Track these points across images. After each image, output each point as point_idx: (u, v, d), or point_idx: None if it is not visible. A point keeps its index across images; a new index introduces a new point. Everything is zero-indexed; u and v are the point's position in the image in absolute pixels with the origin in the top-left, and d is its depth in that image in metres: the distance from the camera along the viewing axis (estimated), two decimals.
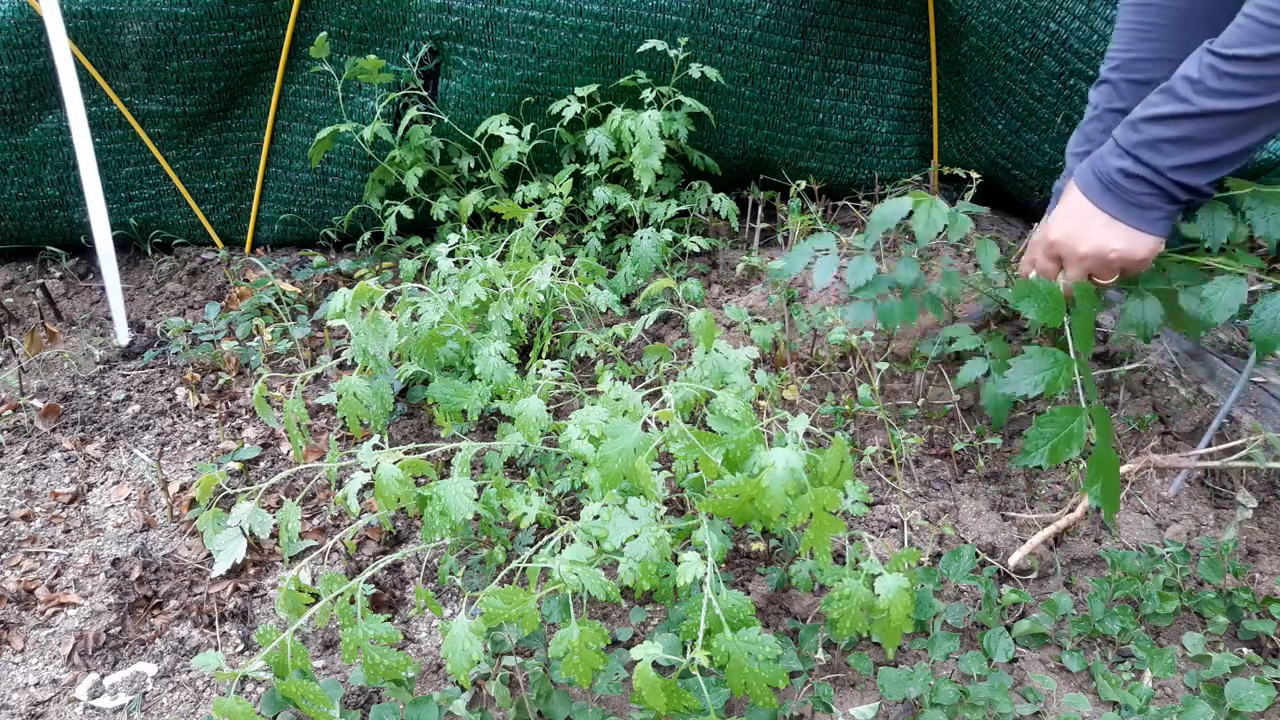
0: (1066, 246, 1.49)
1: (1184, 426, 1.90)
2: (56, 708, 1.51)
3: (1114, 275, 1.50)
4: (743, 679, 1.17)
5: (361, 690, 1.50)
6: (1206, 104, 1.33)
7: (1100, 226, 1.45)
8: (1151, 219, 1.42)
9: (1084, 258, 1.48)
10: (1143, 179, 1.40)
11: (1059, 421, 1.37)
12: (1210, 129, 1.35)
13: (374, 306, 1.85)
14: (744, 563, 1.69)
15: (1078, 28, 2.17)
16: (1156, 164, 1.38)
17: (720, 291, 2.45)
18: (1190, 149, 1.37)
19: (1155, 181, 1.39)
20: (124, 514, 1.92)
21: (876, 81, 2.60)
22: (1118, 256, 1.45)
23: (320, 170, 2.75)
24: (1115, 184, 1.42)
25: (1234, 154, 1.37)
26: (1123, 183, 1.41)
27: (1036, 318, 1.44)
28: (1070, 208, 1.49)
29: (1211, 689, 1.39)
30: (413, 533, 1.84)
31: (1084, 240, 1.46)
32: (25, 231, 2.79)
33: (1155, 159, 1.38)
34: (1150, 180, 1.39)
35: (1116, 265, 1.47)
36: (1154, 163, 1.38)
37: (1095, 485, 1.37)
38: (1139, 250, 1.44)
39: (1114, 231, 1.44)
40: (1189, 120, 1.35)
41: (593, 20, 2.44)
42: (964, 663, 1.44)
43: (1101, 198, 1.44)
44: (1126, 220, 1.43)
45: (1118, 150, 1.42)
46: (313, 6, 2.51)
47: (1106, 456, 1.37)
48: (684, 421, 1.33)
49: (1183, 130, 1.36)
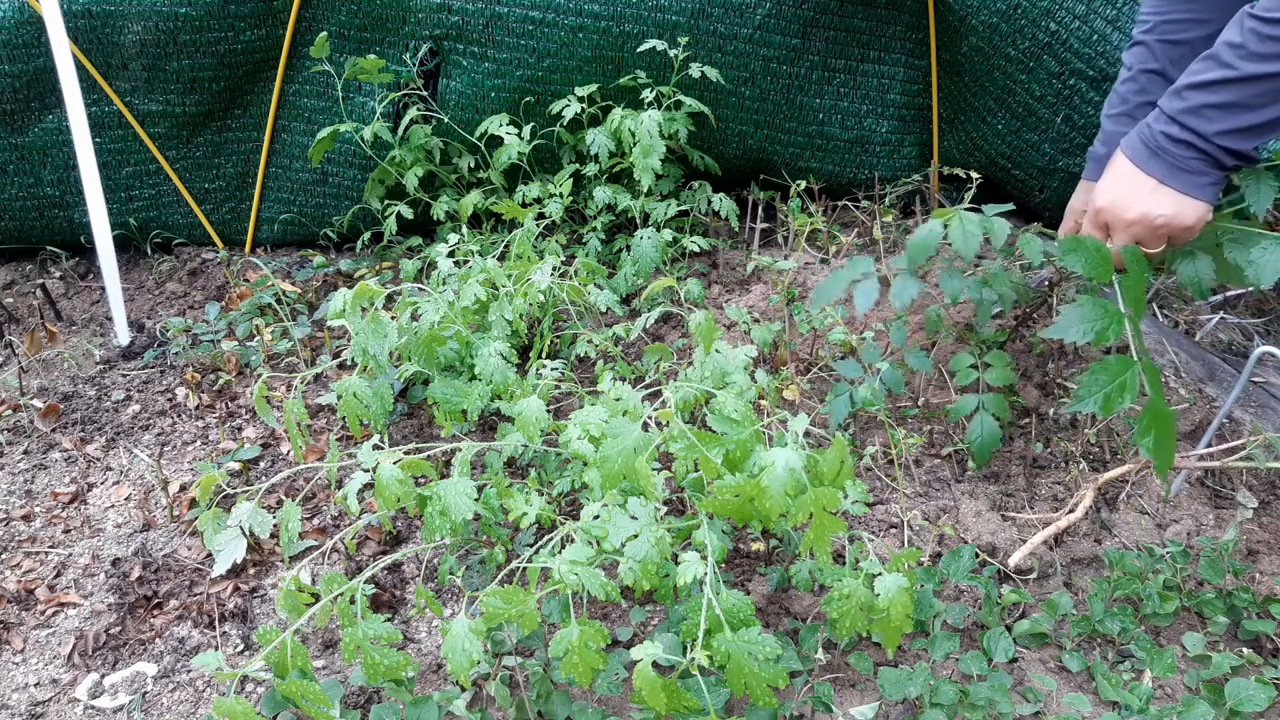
0: (1113, 213, 1.49)
1: (1184, 426, 1.90)
2: (56, 708, 1.51)
3: (1161, 243, 1.50)
4: (743, 679, 1.17)
5: (361, 690, 1.50)
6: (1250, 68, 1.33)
7: (1148, 192, 1.45)
8: (1199, 184, 1.43)
9: (1131, 223, 1.47)
10: (1189, 144, 1.40)
11: (1112, 370, 1.37)
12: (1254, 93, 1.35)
13: (374, 306, 1.85)
14: (744, 563, 1.69)
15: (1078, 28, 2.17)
16: (1202, 130, 1.39)
17: (720, 291, 2.45)
18: (1235, 114, 1.37)
19: (1202, 147, 1.40)
20: (124, 514, 1.92)
21: (876, 81, 2.60)
22: (1164, 222, 1.45)
23: (320, 170, 2.75)
24: (1162, 149, 1.43)
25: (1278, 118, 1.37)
26: (1170, 148, 1.42)
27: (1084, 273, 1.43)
28: (1117, 174, 1.49)
29: (1211, 689, 1.39)
30: (413, 533, 1.84)
31: (1131, 206, 1.46)
32: (25, 231, 2.79)
33: (1201, 125, 1.39)
34: (1197, 146, 1.40)
35: (1163, 231, 1.47)
36: (1200, 128, 1.39)
37: (1148, 438, 1.36)
38: (1186, 216, 1.44)
39: (1161, 197, 1.44)
40: (1233, 85, 1.36)
41: (593, 20, 2.44)
42: (964, 663, 1.44)
43: (1149, 163, 1.44)
44: (1174, 185, 1.43)
45: (1164, 118, 1.43)
46: (313, 6, 2.51)
47: (1159, 409, 1.36)
48: (684, 421, 1.33)
49: (1227, 96, 1.37)
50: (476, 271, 2.01)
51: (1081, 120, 2.26)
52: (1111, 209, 1.49)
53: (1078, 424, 1.92)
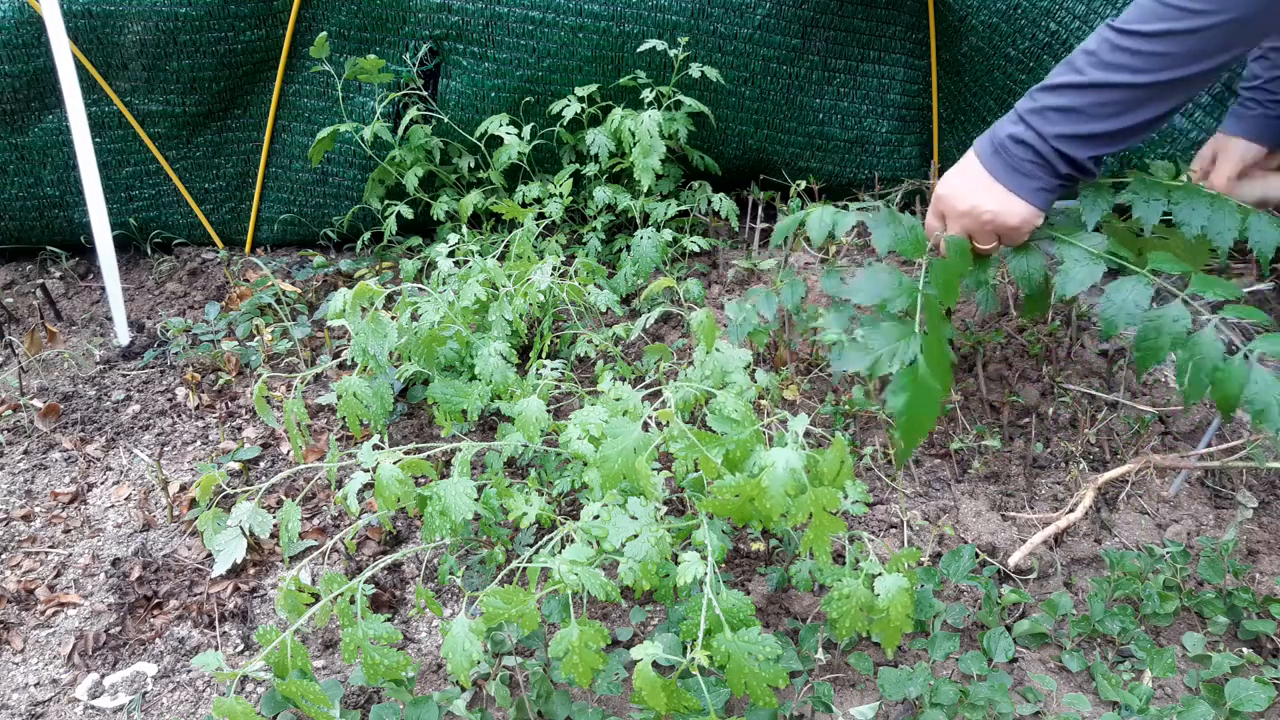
0: (948, 202, 1.52)
1: (1184, 426, 1.90)
2: (56, 708, 1.51)
3: (991, 240, 1.52)
4: (743, 679, 1.17)
5: (361, 690, 1.50)
6: (1097, 76, 1.35)
7: (981, 188, 1.48)
8: (1030, 188, 1.44)
9: (962, 215, 1.50)
10: (1028, 145, 1.42)
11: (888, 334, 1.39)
12: (1096, 101, 1.37)
13: (374, 306, 1.85)
14: (744, 563, 1.69)
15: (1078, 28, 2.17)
16: (1041, 130, 1.40)
17: (720, 291, 2.45)
18: (1074, 119, 1.39)
19: (1039, 149, 1.41)
20: (124, 514, 1.92)
21: (876, 81, 2.60)
22: (990, 218, 1.48)
23: (320, 170, 2.75)
24: (1003, 147, 1.45)
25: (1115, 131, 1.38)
26: (1010, 147, 1.44)
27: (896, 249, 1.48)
28: (960, 167, 1.52)
29: (1211, 689, 1.39)
30: (413, 533, 1.84)
31: (963, 198, 1.49)
32: (25, 231, 2.79)
33: (1041, 125, 1.40)
34: (1034, 147, 1.42)
35: (990, 228, 1.49)
36: (1039, 129, 1.40)
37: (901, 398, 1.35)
38: (1011, 216, 1.47)
39: (992, 194, 1.47)
40: (1078, 91, 1.38)
41: (593, 20, 2.44)
42: (964, 663, 1.44)
43: (989, 160, 1.47)
44: (1006, 184, 1.45)
45: (1013, 116, 1.45)
46: (313, 6, 2.51)
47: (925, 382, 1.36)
48: (684, 421, 1.33)
49: (1070, 100, 1.38)
50: (476, 271, 2.01)
51: None
52: (947, 199, 1.52)
53: (1078, 424, 1.92)
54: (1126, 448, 1.86)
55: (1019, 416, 1.96)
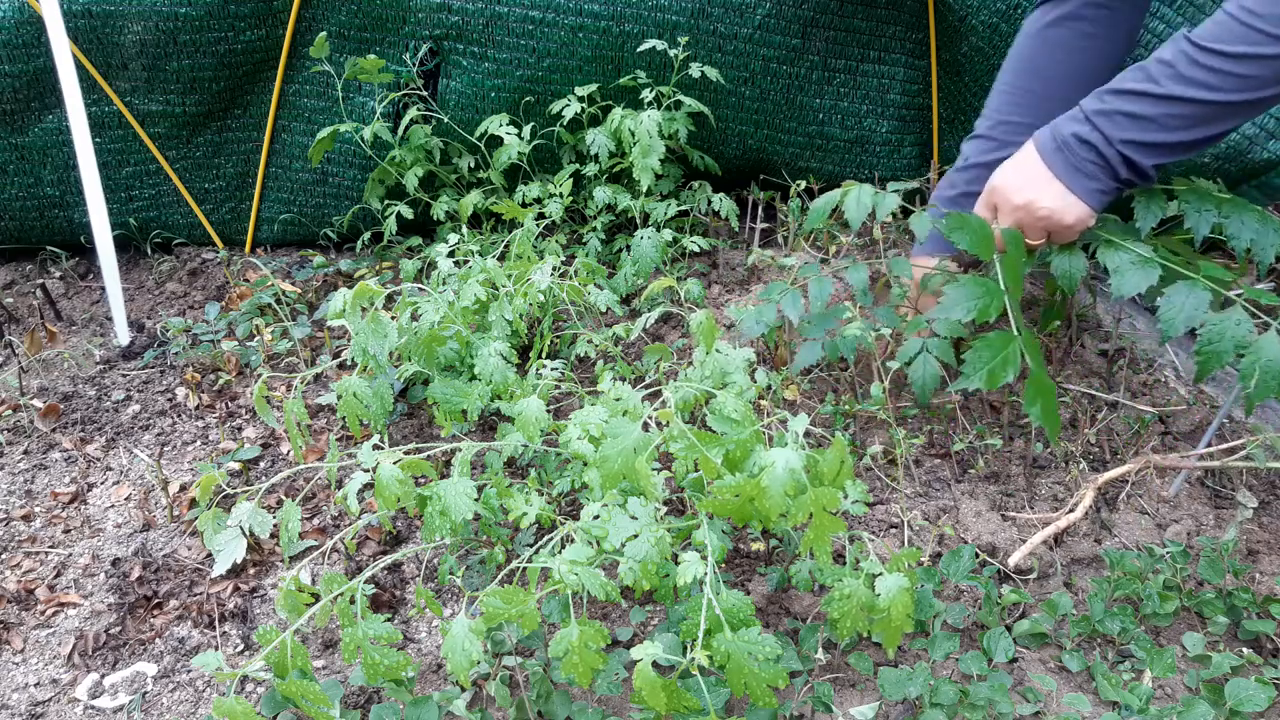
0: (1003, 195, 1.52)
1: (1184, 426, 1.90)
2: (56, 708, 1.51)
3: (1041, 236, 1.53)
4: (743, 679, 1.17)
5: (361, 690, 1.50)
6: (1173, 89, 1.36)
7: (1039, 184, 1.48)
8: (1089, 188, 1.45)
9: (1016, 209, 1.51)
10: (1093, 146, 1.43)
11: (994, 346, 1.42)
12: (1170, 113, 1.37)
13: (374, 306, 1.85)
14: (744, 563, 1.69)
15: None
16: (1109, 134, 1.41)
17: (720, 291, 2.45)
18: (1144, 128, 1.39)
19: (1103, 151, 1.42)
20: (124, 514, 1.92)
21: (876, 81, 2.60)
22: (1046, 214, 1.48)
23: (320, 170, 2.75)
24: (1066, 145, 1.45)
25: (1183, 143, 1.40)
26: (1074, 146, 1.44)
27: (968, 248, 1.48)
28: (1019, 159, 1.52)
29: (1211, 689, 1.39)
30: (413, 533, 1.84)
31: (1020, 192, 1.50)
32: (25, 231, 2.79)
33: (1109, 129, 1.41)
34: (1099, 149, 1.42)
35: (1044, 224, 1.50)
36: (1107, 132, 1.41)
37: (1035, 406, 1.43)
38: (1067, 215, 1.47)
39: (1050, 191, 1.47)
40: (1151, 100, 1.38)
41: (593, 20, 2.44)
42: (964, 663, 1.44)
43: (1051, 156, 1.47)
44: (1066, 182, 1.46)
45: (1079, 115, 1.45)
46: (313, 6, 2.51)
47: (1041, 380, 1.43)
48: (684, 421, 1.33)
49: (1142, 108, 1.39)
50: (476, 271, 2.01)
51: None
52: (1003, 190, 1.52)
53: (1078, 424, 1.92)
54: (1126, 448, 1.86)
55: (1019, 416, 1.96)
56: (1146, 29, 2.09)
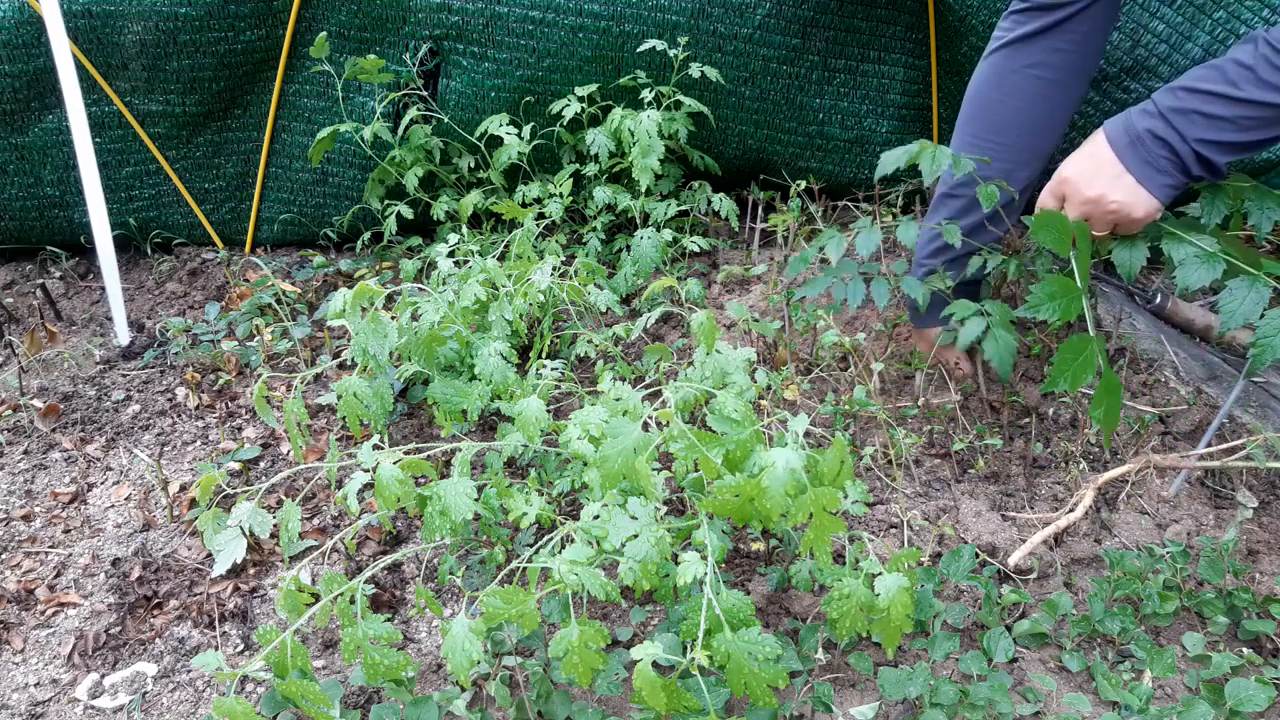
0: (1074, 186, 1.53)
1: (1184, 426, 1.90)
2: (56, 708, 1.51)
3: (1108, 228, 1.54)
4: (743, 679, 1.17)
5: (361, 690, 1.50)
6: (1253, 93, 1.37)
7: (1111, 176, 1.49)
8: (1160, 183, 1.47)
9: (1086, 201, 1.52)
10: (1167, 143, 1.44)
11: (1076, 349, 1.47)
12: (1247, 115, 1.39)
13: (374, 306, 1.85)
14: (744, 563, 1.69)
15: None
16: (1185, 132, 1.42)
17: (720, 291, 2.45)
18: (1220, 128, 1.41)
19: (1178, 148, 1.44)
20: (124, 514, 1.92)
21: (876, 81, 2.60)
22: (1116, 208, 1.50)
23: (320, 170, 2.75)
24: (1140, 140, 1.46)
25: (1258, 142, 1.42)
26: (1148, 141, 1.46)
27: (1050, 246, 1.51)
28: (1090, 151, 1.53)
29: (1211, 689, 1.39)
30: (413, 533, 1.84)
31: (1092, 184, 1.51)
32: (25, 231, 2.79)
33: (1185, 127, 1.42)
34: (1173, 146, 1.44)
35: (1113, 217, 1.51)
36: (1183, 130, 1.42)
37: (1100, 409, 1.50)
38: (1137, 209, 1.49)
39: (1121, 184, 1.48)
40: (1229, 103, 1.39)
41: (593, 20, 2.44)
42: (964, 663, 1.44)
43: (1124, 150, 1.48)
44: (1137, 177, 1.47)
45: (1153, 110, 1.46)
46: (313, 6, 2.51)
47: (1110, 380, 1.49)
48: (684, 421, 1.33)
49: (1220, 109, 1.40)
50: (476, 271, 2.01)
51: (1081, 120, 2.26)
52: (1074, 181, 1.53)
53: (1078, 424, 1.92)
54: (1126, 448, 1.86)
55: (1019, 416, 1.96)
56: (1146, 29, 2.09)
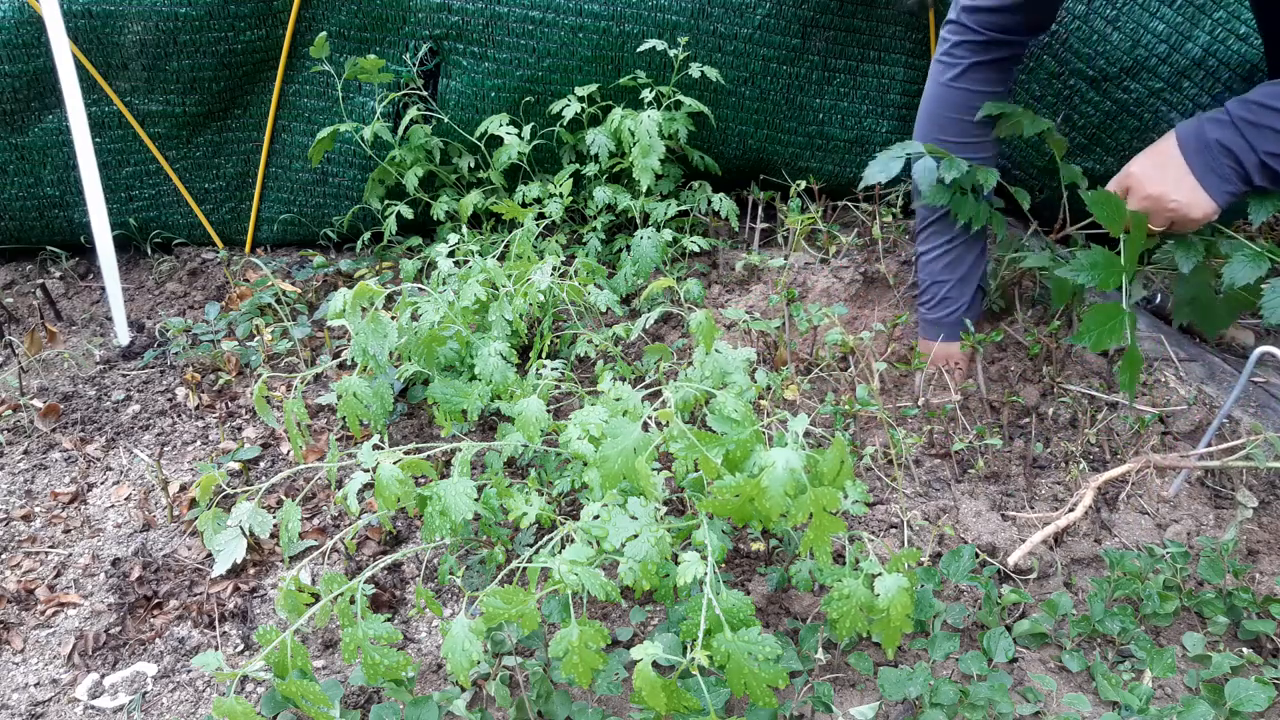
0: (1138, 181, 1.62)
1: (1184, 426, 1.90)
2: (56, 708, 1.51)
3: (1164, 225, 1.63)
4: (743, 679, 1.17)
5: (361, 690, 1.50)
6: None
7: (1175, 179, 1.58)
8: (1222, 189, 1.56)
9: (1148, 197, 1.61)
10: (1233, 153, 1.53)
11: (1106, 313, 1.58)
12: None
13: (374, 306, 1.85)
14: (744, 563, 1.69)
15: (1078, 28, 2.17)
16: (1255, 144, 1.51)
17: (720, 291, 2.45)
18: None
19: (1243, 159, 1.52)
20: (124, 514, 1.92)
21: (876, 81, 2.60)
22: (1175, 208, 1.59)
23: (320, 170, 2.75)
24: (1209, 148, 1.55)
25: None
26: (1216, 150, 1.54)
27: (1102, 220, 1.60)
28: (1161, 149, 1.62)
29: (1211, 689, 1.39)
30: (413, 533, 1.84)
31: (1156, 182, 1.60)
32: (25, 231, 2.79)
33: (1256, 140, 1.51)
34: (1239, 156, 1.52)
35: (1170, 215, 1.60)
36: (1254, 142, 1.51)
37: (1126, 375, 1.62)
38: (1195, 210, 1.58)
39: (1183, 187, 1.58)
40: None
41: (593, 20, 2.44)
42: (964, 663, 1.44)
43: (1192, 155, 1.57)
44: (1201, 181, 1.56)
45: (1226, 121, 1.54)
46: (313, 6, 2.51)
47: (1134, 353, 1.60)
48: (684, 421, 1.33)
49: None
50: (476, 271, 2.01)
51: (1081, 120, 2.26)
52: (1140, 176, 1.62)
53: (1078, 424, 1.92)
54: (1126, 448, 1.86)
55: (1019, 416, 1.96)
56: (1146, 29, 2.09)
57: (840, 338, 2.00)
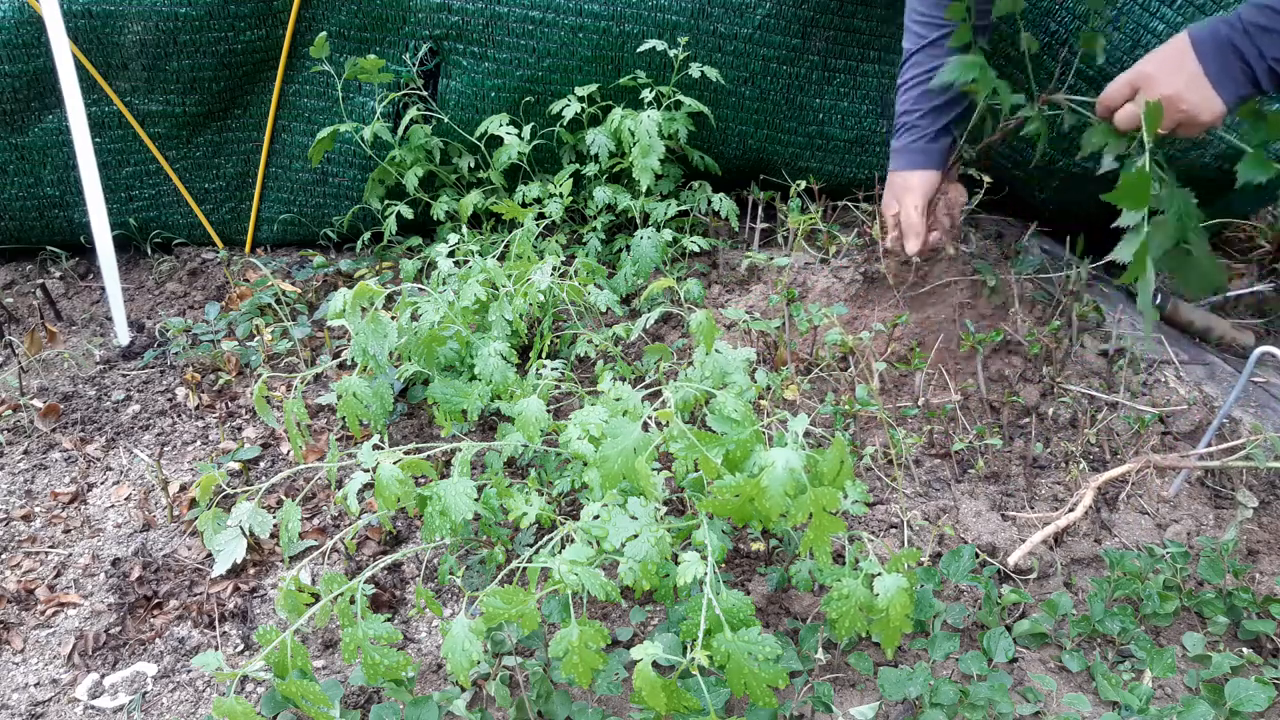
0: (1151, 80, 1.62)
1: (1184, 426, 1.90)
2: (56, 708, 1.51)
3: (1173, 125, 1.62)
4: (743, 679, 1.17)
5: (361, 690, 1.50)
6: None
7: (1188, 80, 1.58)
8: (1233, 91, 1.57)
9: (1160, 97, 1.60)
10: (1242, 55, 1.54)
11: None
12: None
13: (374, 306, 1.85)
14: (744, 563, 1.69)
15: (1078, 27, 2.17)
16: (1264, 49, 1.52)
17: (720, 291, 2.45)
18: None
19: (1253, 64, 1.53)
20: (124, 514, 1.92)
21: (876, 81, 2.60)
22: (1187, 109, 1.59)
23: (320, 170, 2.75)
24: (1221, 49, 1.56)
25: None
26: (1228, 52, 1.55)
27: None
28: (1172, 53, 1.61)
29: (1211, 689, 1.39)
30: (413, 533, 1.84)
31: (1168, 83, 1.59)
32: (25, 231, 2.79)
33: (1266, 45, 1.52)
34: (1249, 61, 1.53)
35: (1180, 116, 1.60)
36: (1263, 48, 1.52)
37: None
38: (1205, 114, 1.58)
39: (1196, 88, 1.58)
40: None
41: (593, 20, 2.44)
42: (964, 663, 1.44)
43: (1207, 56, 1.57)
44: (1213, 81, 1.56)
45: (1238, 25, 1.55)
46: (313, 6, 2.51)
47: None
48: (684, 421, 1.33)
49: None
50: (476, 271, 2.01)
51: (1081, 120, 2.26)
52: (1153, 77, 1.62)
53: (1078, 424, 1.92)
54: (1126, 448, 1.86)
55: (1019, 416, 1.96)
56: (1146, 29, 2.10)
57: (840, 338, 1.99)
